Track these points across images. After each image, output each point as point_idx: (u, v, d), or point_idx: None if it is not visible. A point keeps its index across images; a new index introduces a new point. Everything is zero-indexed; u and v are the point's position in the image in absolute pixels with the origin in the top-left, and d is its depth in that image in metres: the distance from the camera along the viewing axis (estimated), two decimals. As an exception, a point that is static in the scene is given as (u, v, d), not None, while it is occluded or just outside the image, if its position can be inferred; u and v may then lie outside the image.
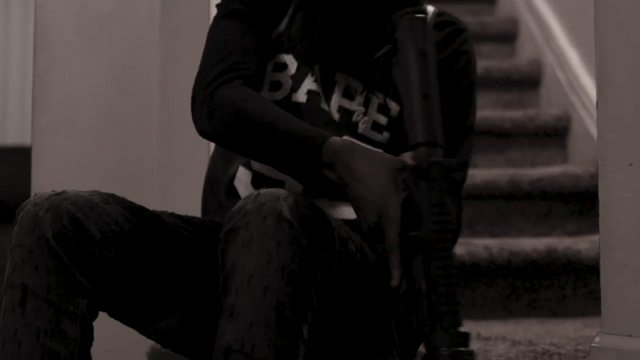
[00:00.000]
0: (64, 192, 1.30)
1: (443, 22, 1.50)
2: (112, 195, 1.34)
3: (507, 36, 3.58)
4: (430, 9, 1.51)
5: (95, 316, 1.31)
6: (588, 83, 2.99)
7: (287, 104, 1.46)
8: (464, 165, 1.54)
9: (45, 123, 2.30)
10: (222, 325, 1.17)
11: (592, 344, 1.37)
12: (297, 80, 1.47)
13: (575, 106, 3.01)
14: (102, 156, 2.07)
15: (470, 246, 2.36)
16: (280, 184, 1.46)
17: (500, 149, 2.98)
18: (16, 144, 4.79)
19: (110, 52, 2.10)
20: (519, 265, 2.35)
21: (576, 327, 2.14)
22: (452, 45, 1.50)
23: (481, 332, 2.03)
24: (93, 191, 1.33)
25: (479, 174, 2.70)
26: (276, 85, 1.47)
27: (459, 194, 1.51)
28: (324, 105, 1.46)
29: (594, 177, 2.72)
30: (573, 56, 3.11)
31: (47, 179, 2.27)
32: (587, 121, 2.92)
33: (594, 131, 2.87)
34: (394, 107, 1.47)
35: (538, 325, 2.17)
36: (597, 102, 1.39)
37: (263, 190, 1.23)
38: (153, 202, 1.59)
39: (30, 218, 1.26)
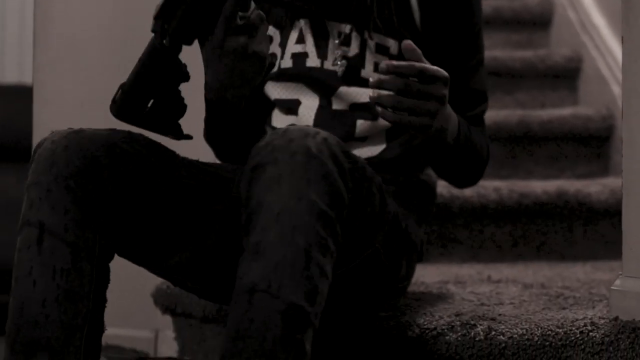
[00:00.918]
0: (82, 129, 1.27)
1: None
2: (130, 133, 1.32)
3: (517, -26, 3.50)
4: None
5: (111, 257, 1.29)
6: (600, 23, 2.92)
7: (279, 71, 1.51)
8: (484, 97, 1.58)
9: (47, 61, 2.25)
10: (245, 263, 1.13)
11: (613, 287, 1.34)
12: (282, 46, 1.50)
13: (587, 46, 2.94)
14: (105, 94, 2.00)
15: (479, 188, 2.32)
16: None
17: (509, 89, 2.93)
18: (15, 83, 4.73)
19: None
20: (528, 207, 2.32)
21: (586, 270, 2.11)
22: None
23: (491, 274, 2.00)
24: (111, 129, 1.31)
25: (488, 115, 2.64)
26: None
27: (483, 125, 1.57)
28: (313, 62, 1.48)
29: (605, 119, 2.68)
30: (585, -5, 3.05)
31: (48, 118, 2.23)
32: (599, 62, 2.86)
33: (605, 72, 2.81)
34: (392, 44, 1.47)
35: (548, 269, 2.14)
36: (622, 37, 1.34)
37: (291, 127, 1.19)
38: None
39: (47, 156, 1.24)
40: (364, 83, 1.47)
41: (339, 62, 1.47)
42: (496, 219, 2.32)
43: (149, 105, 1.32)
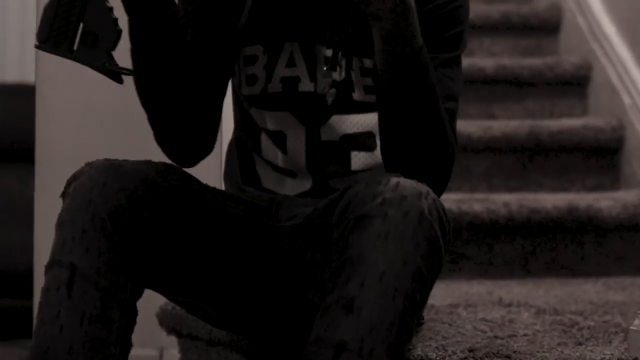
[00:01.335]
0: (119, 164, 1.23)
1: None
2: (165, 165, 1.28)
3: (525, -22, 3.46)
4: None
5: (139, 295, 1.25)
6: (610, 30, 2.88)
7: (265, 96, 1.40)
8: (454, 97, 1.41)
9: (49, 59, 2.21)
10: (333, 316, 1.08)
11: (632, 327, 1.31)
12: (269, 69, 1.39)
13: (596, 54, 2.90)
14: (110, 94, 1.97)
15: (489, 203, 2.29)
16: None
17: (518, 98, 2.89)
18: (17, 81, 4.69)
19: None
20: (539, 223, 2.29)
21: (598, 289, 2.08)
22: None
23: (502, 295, 1.97)
24: (147, 161, 1.27)
25: (497, 125, 2.62)
26: (252, 79, 1.40)
27: (453, 121, 1.39)
28: (307, 87, 1.39)
29: (616, 130, 2.64)
30: (594, 1, 3.00)
31: (51, 118, 2.19)
32: (609, 71, 2.82)
33: (616, 82, 2.77)
34: (370, 64, 1.39)
35: (559, 287, 2.11)
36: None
37: (402, 180, 1.15)
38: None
39: (84, 192, 1.19)
40: (357, 108, 1.40)
41: (329, 90, 1.37)
42: (506, 235, 2.29)
43: (79, 30, 1.20)
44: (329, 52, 1.37)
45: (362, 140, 1.41)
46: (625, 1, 2.84)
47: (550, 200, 2.33)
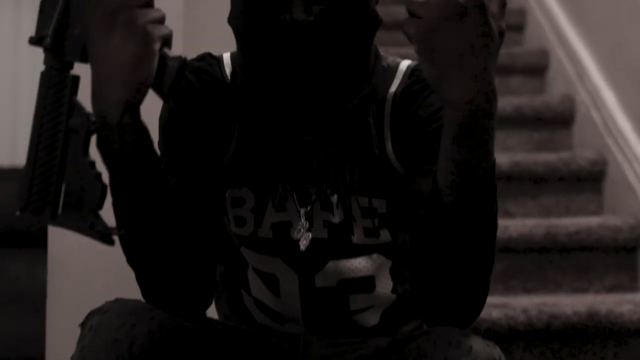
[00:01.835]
0: (151, 308, 1.18)
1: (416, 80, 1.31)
2: None
3: (537, 69, 3.46)
4: (405, 63, 1.34)
5: None
6: (625, 126, 2.87)
7: (255, 240, 1.32)
8: None
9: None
10: None
11: None
12: (258, 214, 1.31)
13: (611, 149, 2.89)
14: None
15: (508, 309, 2.25)
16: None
17: (534, 194, 2.87)
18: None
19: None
20: (559, 330, 2.25)
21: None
22: (420, 99, 1.30)
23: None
24: None
25: (513, 225, 2.59)
26: (240, 221, 1.33)
27: None
28: (299, 234, 1.30)
29: (633, 229, 2.61)
30: (609, 96, 2.99)
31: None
32: (624, 167, 2.80)
33: (632, 179, 2.75)
34: (378, 203, 1.30)
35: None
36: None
37: (474, 343, 1.12)
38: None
39: (111, 330, 1.15)
40: (356, 251, 1.31)
41: (303, 235, 1.29)
42: (525, 342, 2.25)
43: (61, 193, 1.08)
44: (332, 197, 1.31)
45: (362, 284, 1.33)
46: (640, 96, 2.84)
47: (570, 305, 2.29)
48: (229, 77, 1.33)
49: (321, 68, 1.23)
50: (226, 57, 1.36)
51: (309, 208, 1.30)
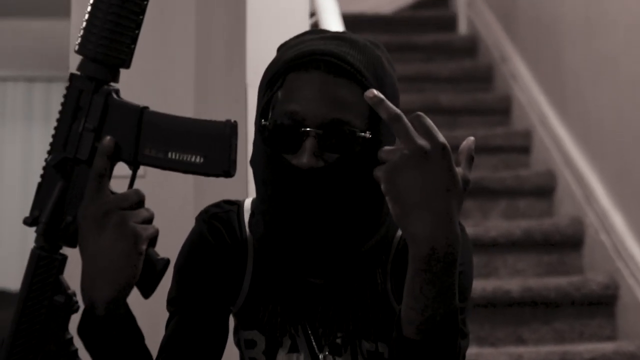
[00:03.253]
0: None
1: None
2: None
3: (544, 191, 3.48)
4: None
5: None
6: (635, 249, 2.87)
7: None
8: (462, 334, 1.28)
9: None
10: None
11: None
12: (270, 355, 1.33)
13: (622, 273, 2.88)
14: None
15: None
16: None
17: (546, 319, 2.85)
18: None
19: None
20: None
21: None
22: None
23: None
24: None
25: (527, 352, 2.57)
26: None
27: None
28: None
29: (648, 354, 2.58)
30: (617, 219, 3.00)
31: None
32: (636, 291, 2.79)
33: (645, 303, 2.74)
34: (384, 348, 1.31)
35: None
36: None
37: None
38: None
39: None
40: None
41: None
42: None
43: None
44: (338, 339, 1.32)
45: None
46: (649, 220, 2.84)
47: None
48: (246, 222, 1.35)
49: (328, 214, 1.24)
50: (247, 202, 1.38)
51: (318, 351, 1.31)
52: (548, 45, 3.74)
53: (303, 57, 1.25)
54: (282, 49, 1.31)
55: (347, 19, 3.73)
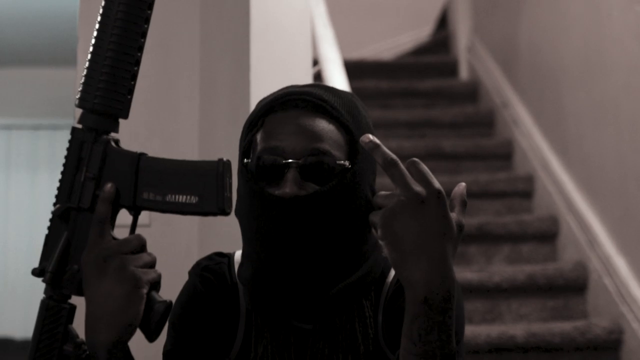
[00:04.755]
0: None
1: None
2: None
3: (547, 236, 3.49)
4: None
5: None
6: (639, 294, 2.87)
7: None
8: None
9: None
10: None
11: None
12: None
13: (626, 318, 2.88)
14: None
15: None
16: None
17: (551, 365, 2.85)
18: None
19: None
20: None
21: None
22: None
23: None
24: None
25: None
26: None
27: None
28: None
29: (654, 400, 2.57)
30: (621, 263, 3.01)
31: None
32: (641, 336, 2.79)
33: (650, 348, 2.73)
34: None
35: None
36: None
37: None
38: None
39: None
40: None
41: None
42: None
43: None
44: None
45: None
46: (652, 264, 2.85)
47: None
48: (236, 273, 1.36)
49: (313, 243, 1.25)
50: (238, 254, 1.39)
51: None
52: (548, 90, 3.77)
53: (281, 98, 1.30)
54: (261, 102, 1.35)
55: (349, 65, 3.77)
